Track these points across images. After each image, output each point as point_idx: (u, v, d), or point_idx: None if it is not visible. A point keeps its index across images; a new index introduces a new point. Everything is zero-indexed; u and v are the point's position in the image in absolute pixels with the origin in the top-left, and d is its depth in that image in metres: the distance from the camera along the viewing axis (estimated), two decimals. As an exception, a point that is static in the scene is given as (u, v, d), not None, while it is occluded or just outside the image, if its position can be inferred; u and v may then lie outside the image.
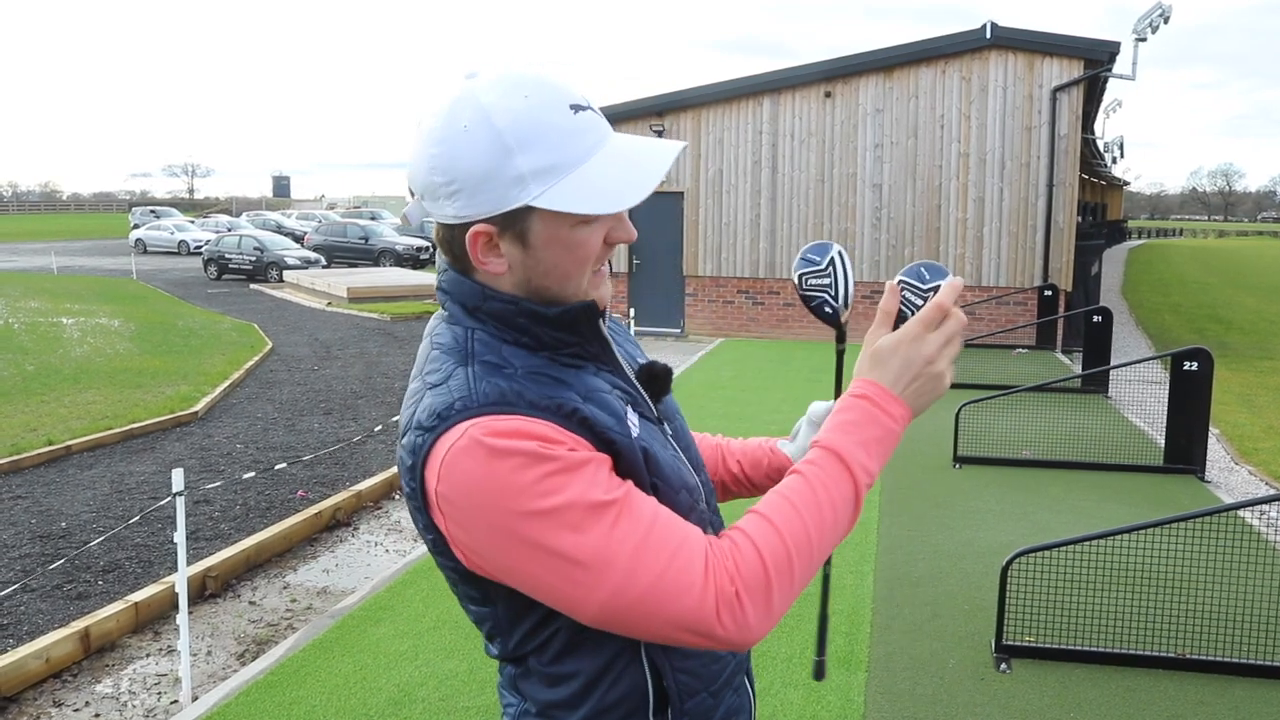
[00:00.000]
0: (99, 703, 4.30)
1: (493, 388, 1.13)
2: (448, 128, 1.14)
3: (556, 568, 1.08)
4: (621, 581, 1.07)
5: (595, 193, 1.13)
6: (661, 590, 1.07)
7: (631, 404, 1.26)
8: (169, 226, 43.39)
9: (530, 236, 1.17)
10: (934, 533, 6.02)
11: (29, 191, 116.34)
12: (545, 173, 1.12)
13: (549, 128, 1.13)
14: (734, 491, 1.62)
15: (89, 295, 22.13)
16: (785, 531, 1.12)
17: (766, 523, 1.13)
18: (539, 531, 1.07)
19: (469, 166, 1.13)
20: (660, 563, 1.08)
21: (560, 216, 1.15)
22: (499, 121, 1.12)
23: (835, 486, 1.17)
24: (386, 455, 8.44)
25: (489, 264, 1.19)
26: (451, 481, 1.09)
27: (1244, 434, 9.08)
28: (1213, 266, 36.45)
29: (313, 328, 17.51)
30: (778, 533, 1.12)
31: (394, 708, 3.93)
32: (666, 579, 1.07)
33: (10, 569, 5.71)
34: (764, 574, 1.10)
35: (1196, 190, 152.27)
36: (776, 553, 1.11)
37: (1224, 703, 3.93)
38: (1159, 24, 14.34)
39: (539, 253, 1.18)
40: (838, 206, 15.33)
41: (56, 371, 11.94)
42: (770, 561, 1.11)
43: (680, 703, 1.27)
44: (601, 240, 1.20)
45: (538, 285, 1.20)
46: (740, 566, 1.09)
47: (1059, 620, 4.49)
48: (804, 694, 4.00)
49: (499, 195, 1.13)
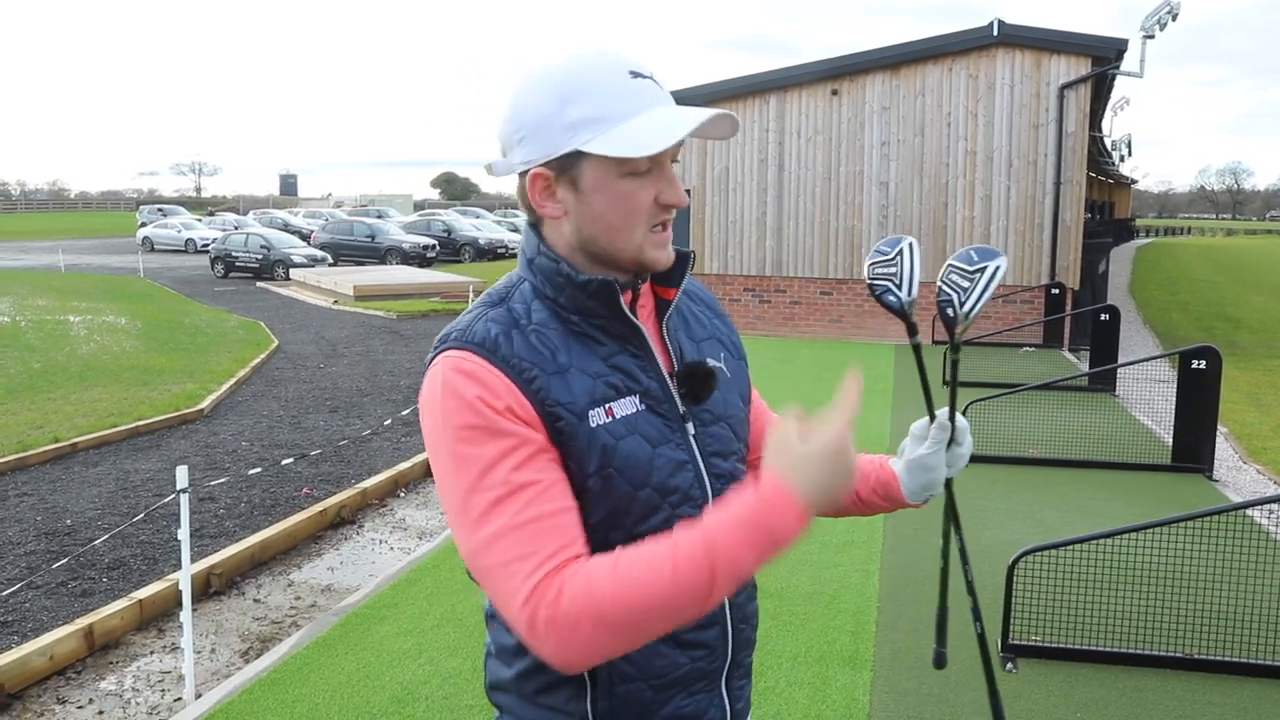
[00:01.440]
0: (103, 700, 4.30)
1: (485, 331, 1.26)
2: (522, 84, 1.30)
3: (449, 499, 1.21)
4: (475, 550, 1.18)
5: (631, 140, 1.23)
6: (496, 581, 1.17)
7: (641, 394, 1.31)
8: (176, 225, 43.46)
9: (581, 182, 1.27)
10: (939, 531, 5.97)
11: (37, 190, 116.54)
12: (594, 122, 1.24)
13: (602, 85, 1.25)
14: (843, 505, 1.57)
15: (96, 293, 22.18)
16: (623, 582, 1.12)
17: (612, 568, 1.14)
18: (449, 467, 1.21)
19: (531, 115, 1.27)
20: (504, 559, 1.16)
21: (608, 165, 1.25)
22: (559, 77, 1.27)
23: (690, 568, 1.11)
24: (392, 453, 8.44)
25: (546, 207, 1.30)
26: (421, 394, 1.27)
27: (1252, 433, 9.04)
28: (1221, 265, 36.33)
29: (319, 326, 17.53)
30: (615, 580, 1.12)
31: (397, 706, 3.92)
32: (501, 575, 1.16)
33: (15, 566, 5.72)
34: (576, 612, 1.12)
35: (1204, 188, 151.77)
36: (601, 598, 1.12)
37: (1232, 703, 3.90)
38: (1167, 21, 14.28)
39: (589, 199, 1.28)
40: (844, 204, 15.30)
41: (63, 369, 11.96)
42: (590, 604, 1.12)
43: (610, 685, 1.31)
44: (651, 199, 1.28)
45: (588, 234, 1.30)
46: (561, 596, 1.12)
47: (1066, 619, 4.46)
48: (809, 693, 3.99)
49: (552, 140, 1.25)
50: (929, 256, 15.01)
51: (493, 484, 1.18)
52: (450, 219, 39.65)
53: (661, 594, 1.11)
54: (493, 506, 1.17)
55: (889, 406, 9.78)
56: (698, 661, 1.36)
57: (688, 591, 1.11)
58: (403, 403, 10.44)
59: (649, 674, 1.32)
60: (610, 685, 1.30)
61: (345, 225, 34.38)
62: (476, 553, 1.18)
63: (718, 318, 1.54)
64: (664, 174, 1.29)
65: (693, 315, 1.49)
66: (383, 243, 32.14)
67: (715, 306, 1.57)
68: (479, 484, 1.19)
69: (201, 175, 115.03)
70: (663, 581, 1.11)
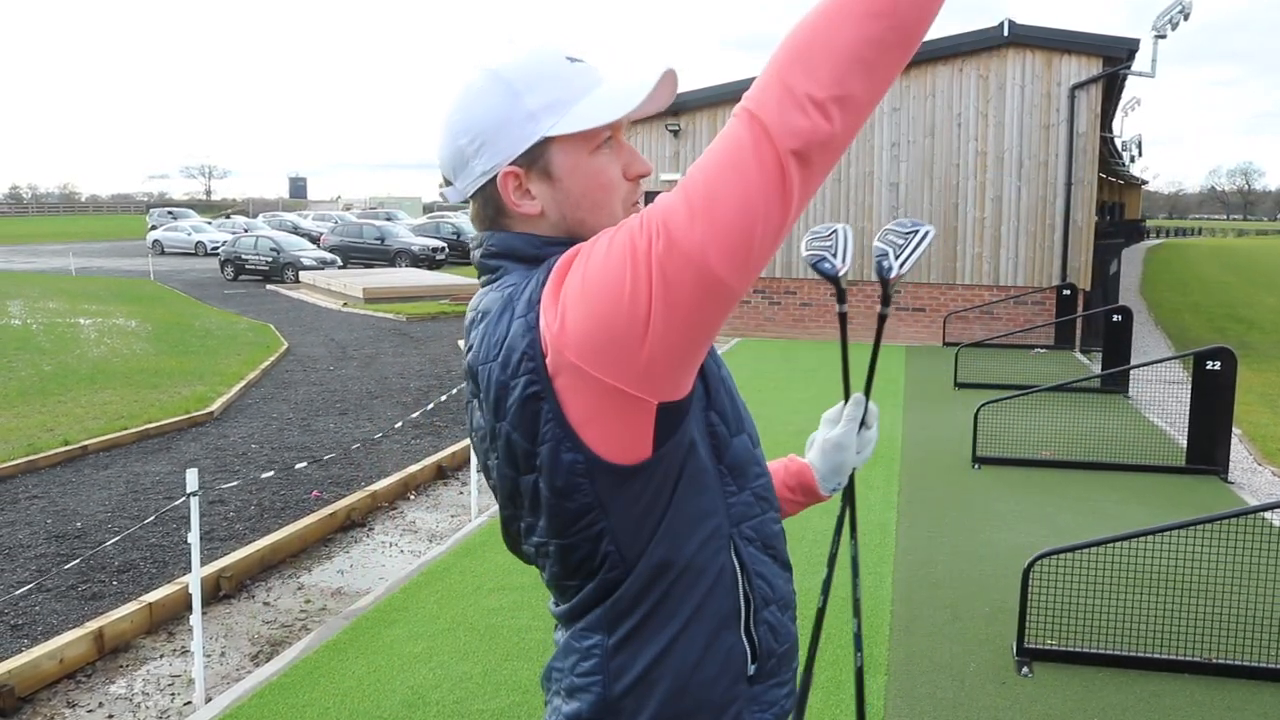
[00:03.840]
0: (112, 703, 4.29)
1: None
2: (462, 96, 1.28)
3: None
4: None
5: (596, 111, 1.23)
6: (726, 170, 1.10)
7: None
8: (186, 228, 43.61)
9: (554, 169, 1.26)
10: (953, 534, 5.95)
11: (48, 193, 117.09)
12: (553, 106, 1.24)
13: (550, 71, 1.26)
14: None
15: (106, 296, 22.24)
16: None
17: None
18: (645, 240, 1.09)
19: (486, 117, 1.25)
20: None
21: (577, 145, 1.25)
22: (505, 74, 1.26)
23: None
24: (402, 455, 8.43)
25: (523, 205, 1.27)
26: (563, 268, 1.17)
27: (1267, 435, 8.97)
28: (1232, 265, 36.16)
29: (328, 328, 17.54)
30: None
31: (407, 710, 3.89)
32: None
33: (26, 569, 5.72)
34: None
35: (1215, 189, 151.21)
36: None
37: (1252, 708, 3.86)
38: (1179, 21, 14.19)
39: (566, 183, 1.26)
40: (854, 205, 15.25)
41: (73, 372, 11.99)
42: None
43: (759, 608, 1.30)
44: (620, 174, 1.28)
45: (574, 219, 1.28)
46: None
47: (1082, 623, 4.42)
48: (823, 697, 3.95)
49: (517, 135, 1.24)
50: (939, 258, 15.01)
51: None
52: (460, 221, 39.65)
53: None
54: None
55: (900, 408, 9.74)
56: (789, 583, 1.38)
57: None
58: (413, 405, 10.43)
59: (778, 595, 1.33)
60: (759, 609, 1.29)
61: (354, 228, 34.44)
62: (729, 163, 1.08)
63: None
64: (623, 148, 1.30)
65: None
66: (392, 245, 32.18)
67: None
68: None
69: (211, 178, 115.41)
70: None
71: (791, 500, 1.60)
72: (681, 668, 1.25)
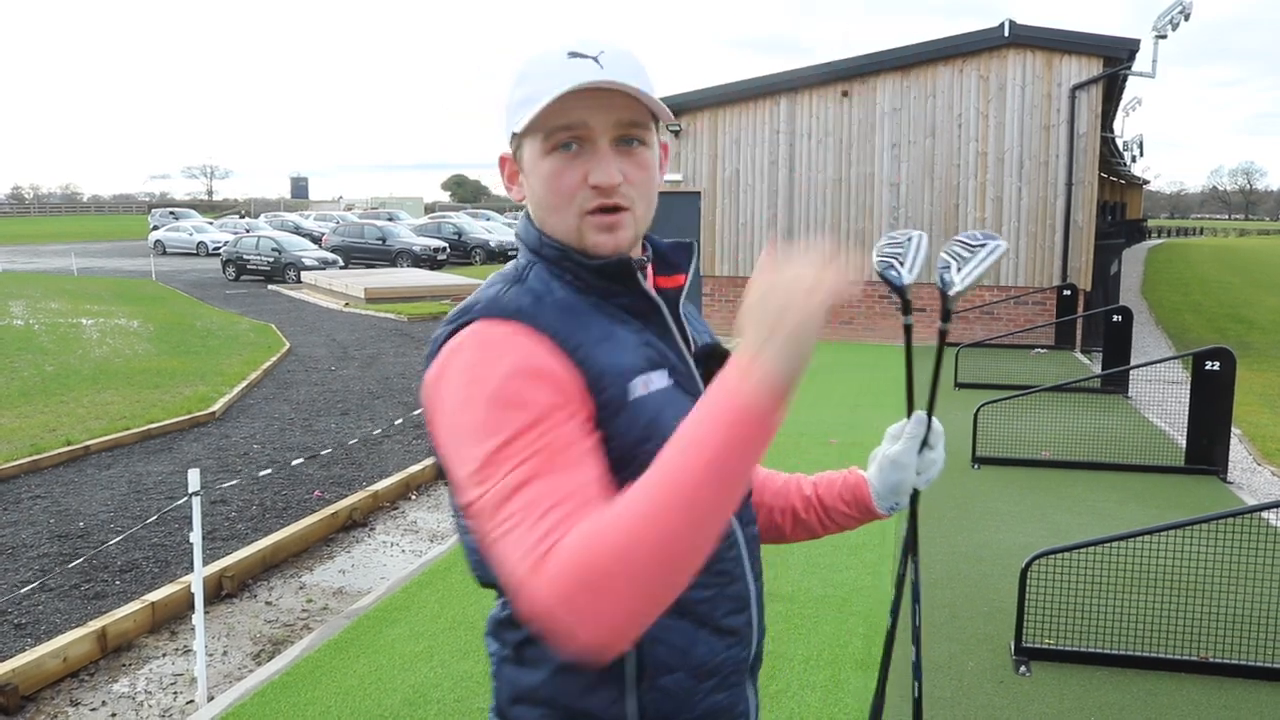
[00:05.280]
0: (115, 702, 4.31)
1: (517, 301, 1.22)
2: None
3: (467, 465, 1.11)
4: (491, 514, 1.09)
5: (526, 114, 1.22)
6: (506, 545, 1.05)
7: (670, 369, 1.28)
8: (188, 228, 43.65)
9: (523, 164, 1.29)
10: (952, 534, 5.97)
11: (50, 194, 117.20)
12: (525, 102, 1.23)
13: (539, 67, 1.24)
14: (804, 519, 1.56)
15: (108, 296, 22.28)
16: (623, 513, 1.00)
17: (614, 505, 1.02)
18: (475, 433, 1.10)
19: (501, 99, 1.30)
20: (518, 521, 1.05)
21: (535, 144, 1.25)
22: (520, 61, 1.29)
23: (680, 471, 1.00)
24: (403, 455, 8.45)
25: (513, 190, 1.33)
26: (439, 367, 1.19)
27: (1266, 435, 8.98)
28: (1234, 266, 36.14)
29: (330, 328, 17.56)
30: (617, 515, 1.01)
31: (409, 709, 3.91)
32: (513, 539, 1.05)
33: (29, 568, 5.74)
34: (591, 561, 0.98)
35: (1217, 189, 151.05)
36: (608, 535, 0.99)
37: (1248, 707, 3.88)
38: (1179, 21, 14.21)
39: (529, 179, 1.28)
40: (855, 206, 15.27)
41: (76, 372, 12.01)
42: (602, 546, 0.98)
43: (655, 676, 1.24)
44: (580, 180, 1.23)
45: (539, 215, 1.30)
46: (572, 550, 1.00)
47: (1080, 622, 4.44)
48: (821, 696, 3.97)
49: (506, 124, 1.29)
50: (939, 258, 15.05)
51: (521, 450, 1.07)
52: (461, 221, 39.71)
53: (667, 511, 0.97)
54: (517, 469, 1.06)
55: (903, 409, 9.74)
56: (731, 649, 1.31)
57: (688, 499, 0.97)
58: (414, 405, 10.44)
59: (690, 662, 1.26)
60: (655, 676, 1.23)
61: (356, 228, 34.47)
62: (493, 518, 1.05)
63: (700, 314, 1.52)
64: (595, 153, 1.22)
65: (688, 310, 1.44)
66: (394, 245, 32.20)
67: (698, 301, 1.58)
68: (505, 450, 1.07)
69: (213, 178, 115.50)
70: (663, 495, 0.98)
71: (846, 515, 1.54)
72: (561, 698, 1.26)
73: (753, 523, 1.39)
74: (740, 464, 0.99)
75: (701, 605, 1.27)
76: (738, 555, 1.32)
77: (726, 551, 1.30)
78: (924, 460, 1.51)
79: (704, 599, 1.27)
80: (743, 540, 1.34)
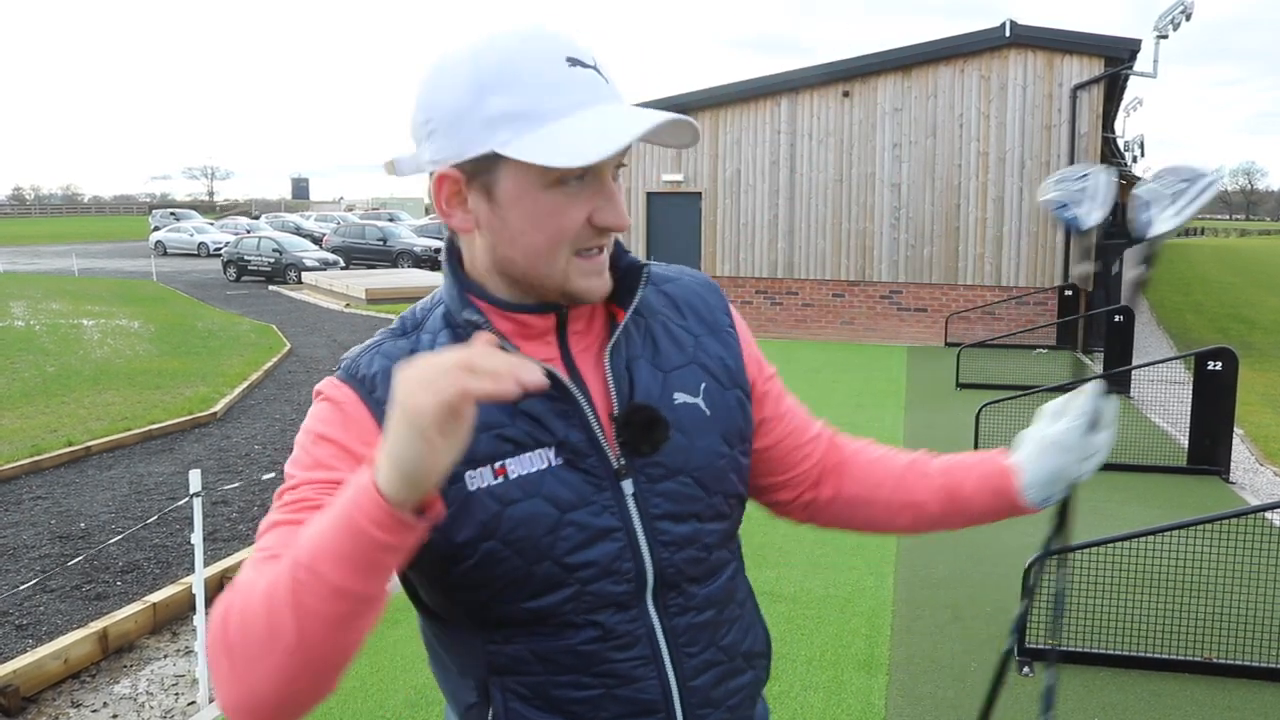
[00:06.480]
0: (117, 703, 4.30)
1: (368, 366, 1.14)
2: (437, 65, 1.08)
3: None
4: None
5: (560, 146, 1.01)
6: None
7: (557, 447, 1.10)
8: (189, 229, 43.66)
9: (497, 191, 1.07)
10: (954, 534, 5.95)
11: (51, 194, 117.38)
12: (517, 119, 1.02)
13: (533, 75, 1.03)
14: (930, 514, 1.34)
15: (109, 297, 22.28)
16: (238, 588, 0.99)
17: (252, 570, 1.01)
18: (292, 459, 1.11)
19: (445, 104, 1.06)
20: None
21: (530, 172, 1.04)
22: (482, 60, 1.04)
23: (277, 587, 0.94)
24: (404, 456, 8.43)
25: (454, 217, 1.11)
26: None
27: (1269, 435, 8.97)
28: (1235, 266, 36.13)
29: (331, 329, 17.57)
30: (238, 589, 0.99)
31: (410, 710, 3.91)
32: None
33: (30, 569, 5.73)
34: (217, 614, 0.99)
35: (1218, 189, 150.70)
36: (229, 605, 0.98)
37: (1252, 708, 3.87)
38: (1180, 21, 14.19)
39: (506, 212, 1.07)
40: (856, 206, 15.27)
41: (76, 373, 12.01)
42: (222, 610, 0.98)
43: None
44: (583, 219, 1.07)
45: (504, 255, 1.10)
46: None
47: (1083, 623, 4.43)
48: (824, 697, 3.96)
49: (467, 137, 1.05)
50: (941, 258, 15.00)
51: (289, 501, 1.05)
52: (461, 222, 39.65)
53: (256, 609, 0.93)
54: (275, 523, 1.05)
55: (901, 408, 9.74)
56: (626, 688, 1.14)
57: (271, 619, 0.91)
58: (415, 406, 10.43)
59: (555, 703, 1.15)
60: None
61: (357, 228, 34.48)
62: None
63: (712, 334, 1.25)
64: (602, 189, 1.08)
65: (668, 335, 1.22)
66: (394, 246, 32.21)
67: (712, 317, 1.27)
68: (280, 497, 1.07)
69: (214, 179, 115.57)
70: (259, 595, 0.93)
71: (983, 510, 1.32)
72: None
73: (689, 611, 1.17)
74: (344, 563, 0.89)
75: (578, 705, 1.13)
76: (643, 654, 1.14)
77: (617, 651, 1.13)
78: (1090, 444, 1.25)
79: (582, 699, 1.13)
80: (642, 638, 1.14)
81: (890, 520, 1.36)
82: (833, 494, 1.37)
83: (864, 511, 1.37)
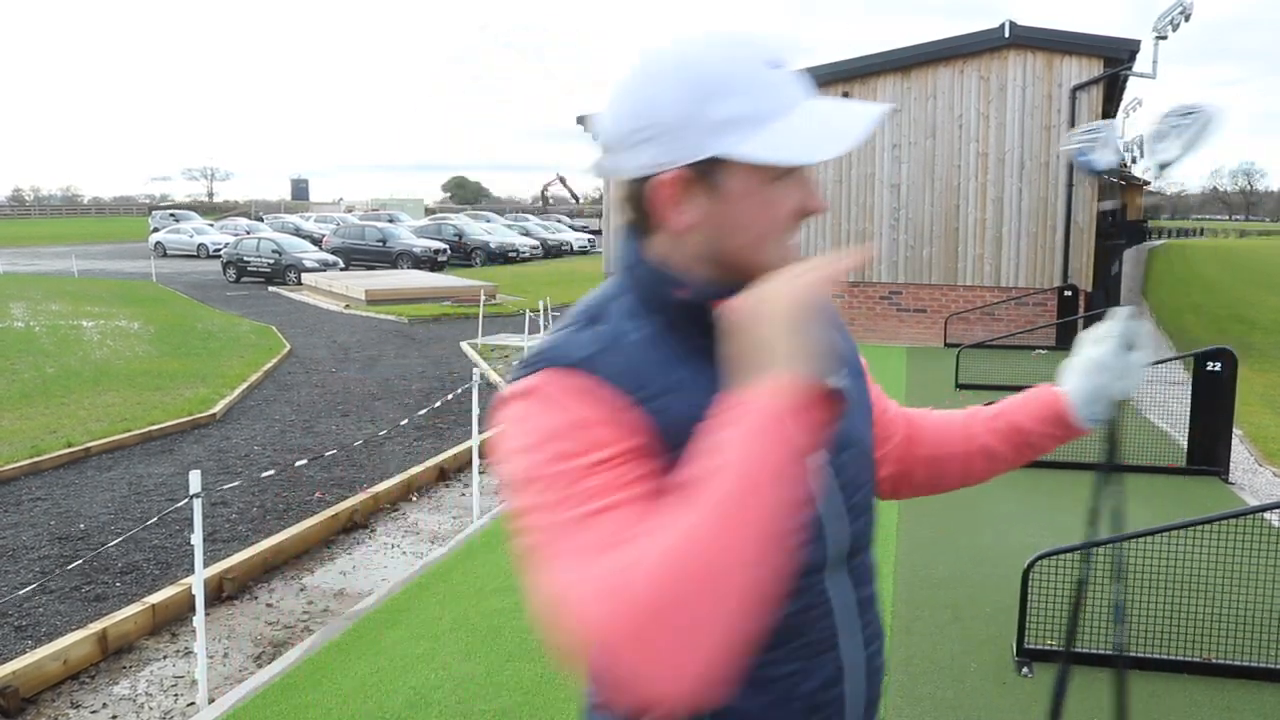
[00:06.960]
0: (116, 704, 4.31)
1: (581, 349, 1.11)
2: (644, 75, 1.12)
3: (537, 523, 1.02)
4: (551, 564, 1.01)
5: (793, 144, 1.09)
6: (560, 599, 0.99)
7: None
8: (188, 230, 43.66)
9: (723, 189, 1.10)
10: (955, 534, 5.96)
11: (50, 195, 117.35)
12: (743, 122, 1.09)
13: (747, 78, 1.10)
14: (999, 453, 1.47)
15: (109, 298, 22.28)
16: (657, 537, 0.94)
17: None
18: (538, 489, 1.03)
19: (664, 112, 1.09)
20: (569, 564, 0.99)
21: (755, 169, 1.09)
22: (697, 69, 1.10)
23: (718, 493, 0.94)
24: (404, 457, 8.44)
25: (678, 215, 1.12)
26: (504, 412, 1.10)
27: (1268, 435, 8.97)
28: (1234, 266, 36.13)
29: (330, 330, 17.57)
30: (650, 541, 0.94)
31: (410, 711, 3.91)
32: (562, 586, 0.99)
33: (30, 570, 5.74)
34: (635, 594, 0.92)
35: (1217, 190, 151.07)
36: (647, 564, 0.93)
37: (1250, 708, 3.87)
38: (1180, 21, 14.18)
39: (731, 207, 1.11)
40: (855, 207, 15.27)
41: (76, 374, 12.01)
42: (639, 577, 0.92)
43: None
44: (796, 204, 1.14)
45: (727, 246, 1.13)
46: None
47: (1082, 623, 4.43)
48: (823, 698, 3.96)
49: (694, 143, 1.09)
50: (940, 259, 15.00)
51: (582, 495, 1.00)
52: (461, 223, 39.76)
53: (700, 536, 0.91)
54: (577, 523, 0.99)
55: (901, 409, 9.73)
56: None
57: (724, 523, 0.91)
58: (414, 406, 10.44)
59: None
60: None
61: (356, 229, 34.52)
62: (546, 556, 1.00)
63: (835, 329, 1.31)
64: (803, 177, 1.15)
65: None
66: (394, 247, 32.24)
67: (832, 318, 1.32)
68: (565, 499, 1.01)
69: (214, 180, 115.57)
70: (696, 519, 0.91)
71: (1045, 434, 1.45)
72: None
73: (867, 580, 1.26)
74: (767, 474, 0.93)
75: (782, 681, 1.17)
76: (839, 624, 1.20)
77: (814, 622, 1.18)
78: (1127, 362, 1.41)
79: (786, 674, 1.16)
80: (837, 606, 1.21)
81: (966, 471, 1.49)
82: (912, 464, 1.49)
83: (940, 468, 1.49)
